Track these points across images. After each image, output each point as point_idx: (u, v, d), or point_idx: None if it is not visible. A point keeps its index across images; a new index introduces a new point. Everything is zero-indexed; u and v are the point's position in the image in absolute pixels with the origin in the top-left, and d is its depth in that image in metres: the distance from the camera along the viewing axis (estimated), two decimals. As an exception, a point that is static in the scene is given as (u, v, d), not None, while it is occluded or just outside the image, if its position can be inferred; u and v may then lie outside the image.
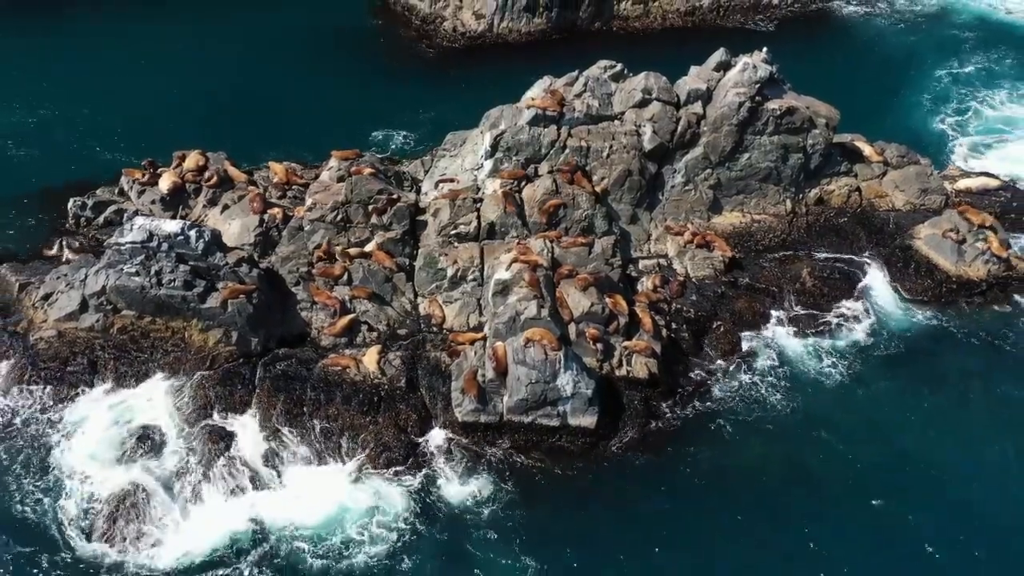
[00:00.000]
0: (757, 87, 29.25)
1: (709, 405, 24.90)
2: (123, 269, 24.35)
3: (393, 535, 21.43)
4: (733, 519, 22.07)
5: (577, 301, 25.33)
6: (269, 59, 38.47)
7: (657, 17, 43.28)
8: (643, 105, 29.17)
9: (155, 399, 24.05)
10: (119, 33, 39.83)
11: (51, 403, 23.66)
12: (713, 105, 29.41)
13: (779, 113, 29.48)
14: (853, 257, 29.36)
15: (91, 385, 24.32)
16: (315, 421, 23.80)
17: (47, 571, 20.39)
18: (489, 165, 28.53)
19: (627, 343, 25.33)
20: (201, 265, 24.82)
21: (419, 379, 24.91)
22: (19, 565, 20.44)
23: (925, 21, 44.24)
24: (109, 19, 40.83)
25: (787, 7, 44.62)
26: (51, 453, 22.76)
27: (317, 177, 29.80)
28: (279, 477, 22.70)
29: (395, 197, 27.78)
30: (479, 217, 27.50)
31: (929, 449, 23.76)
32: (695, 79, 29.74)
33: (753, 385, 25.44)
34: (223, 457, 22.83)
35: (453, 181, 28.90)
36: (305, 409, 24.04)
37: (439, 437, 23.73)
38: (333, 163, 29.14)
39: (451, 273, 26.63)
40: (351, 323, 25.81)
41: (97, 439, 23.08)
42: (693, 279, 28.10)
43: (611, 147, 28.64)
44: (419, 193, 29.30)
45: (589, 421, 23.74)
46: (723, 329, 27.05)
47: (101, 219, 29.60)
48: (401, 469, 22.97)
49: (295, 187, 30.15)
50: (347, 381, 24.58)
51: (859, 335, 26.82)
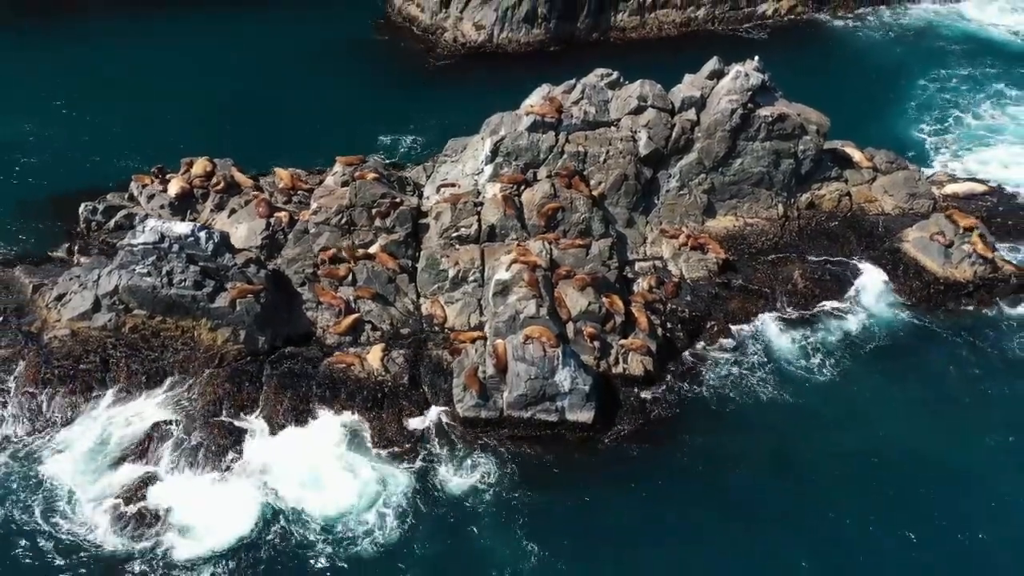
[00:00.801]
0: (749, 94, 30.15)
1: (702, 399, 25.63)
2: (135, 269, 25.12)
3: (396, 521, 22.06)
4: (725, 505, 22.79)
5: (575, 301, 26.13)
6: (274, 69, 39.43)
7: (653, 28, 44.33)
8: (639, 112, 30.06)
9: (166, 397, 24.80)
10: (129, 44, 40.83)
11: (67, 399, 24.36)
12: (707, 112, 30.30)
13: (771, 120, 30.38)
14: (843, 259, 30.12)
15: (104, 384, 25.04)
16: (321, 416, 24.54)
17: (58, 563, 20.95)
18: (489, 170, 29.39)
19: (623, 341, 26.11)
20: (210, 266, 25.60)
21: (421, 376, 25.66)
22: (30, 555, 21.10)
23: (912, 34, 45.32)
24: (118, 30, 41.80)
25: (779, 17, 45.73)
26: (65, 446, 23.47)
27: (322, 182, 30.67)
28: (285, 468, 23.31)
29: (398, 201, 28.61)
30: (480, 220, 28.31)
31: (913, 441, 24.54)
32: (689, 87, 30.66)
33: (744, 380, 26.19)
34: (232, 451, 23.54)
35: (454, 186, 29.73)
36: (311, 405, 24.81)
37: (441, 428, 24.41)
38: (337, 168, 29.98)
39: (452, 274, 27.41)
40: (355, 322, 26.56)
41: (109, 434, 23.79)
42: (688, 280, 28.89)
43: (608, 152, 29.52)
44: (421, 197, 30.12)
45: (586, 416, 24.48)
46: (717, 329, 27.83)
47: (112, 223, 30.30)
48: (404, 460, 23.65)
49: (300, 192, 30.98)
50: (352, 378, 25.32)
51: (848, 333, 27.59)
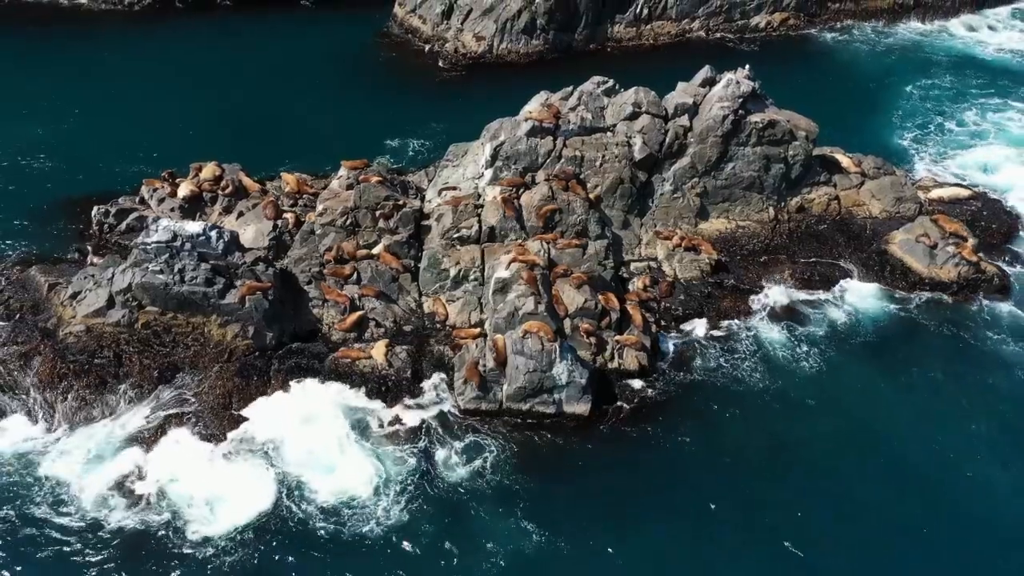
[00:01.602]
0: (740, 101, 31.25)
1: (695, 391, 26.47)
2: (148, 267, 26.07)
3: (398, 504, 22.84)
4: (715, 490, 23.67)
5: (572, 298, 27.10)
6: (280, 78, 40.62)
7: (649, 39, 45.54)
8: (633, 118, 31.15)
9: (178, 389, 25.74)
10: (139, 54, 42.17)
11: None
12: (699, 118, 31.40)
13: (761, 126, 31.46)
14: (832, 261, 31.16)
15: (118, 378, 25.92)
16: (326, 408, 25.44)
17: (75, 547, 21.78)
18: (489, 174, 30.42)
19: (619, 337, 27.05)
20: (221, 264, 26.58)
21: (424, 370, 26.60)
22: (45, 540, 21.93)
23: (900, 49, 46.58)
24: (129, 41, 43.16)
25: (771, 30, 46.95)
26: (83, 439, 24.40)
27: (326, 186, 31.69)
28: (291, 455, 24.12)
29: (401, 203, 29.62)
30: (480, 221, 29.31)
31: (895, 427, 25.55)
32: (682, 94, 31.76)
33: (735, 373, 27.04)
34: (242, 440, 24.44)
35: (455, 189, 30.76)
36: (317, 397, 25.68)
37: (443, 420, 25.31)
38: (343, 172, 31.01)
39: (454, 273, 28.38)
40: (360, 319, 27.50)
41: (125, 427, 24.71)
42: (681, 280, 29.87)
43: (604, 157, 30.59)
44: (423, 200, 31.13)
45: (583, 408, 25.39)
46: (709, 326, 28.65)
47: (123, 226, 31.26)
48: (407, 448, 24.46)
49: (306, 196, 32.02)
50: (356, 372, 26.25)
51: (835, 328, 28.55)
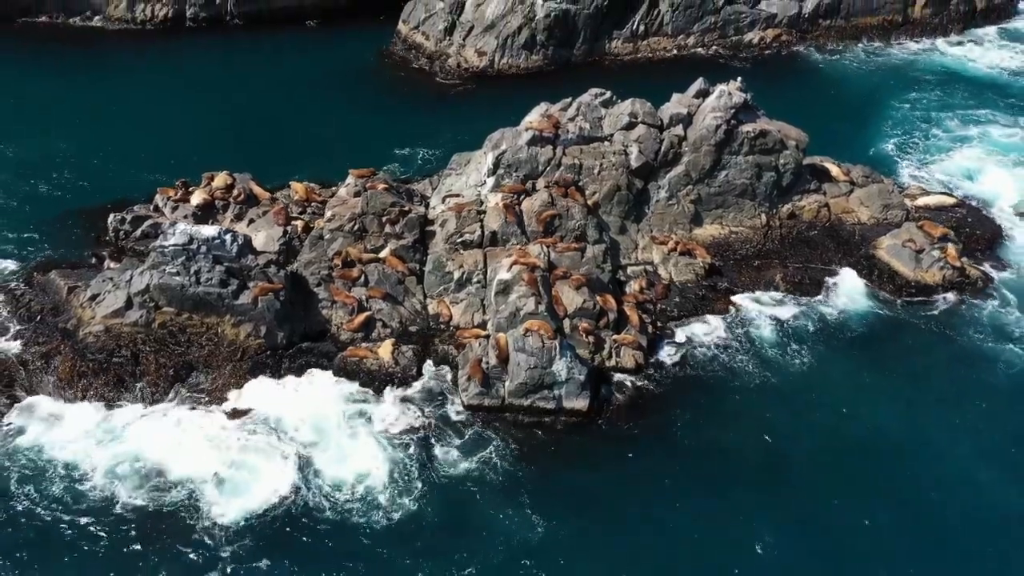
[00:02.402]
0: (732, 112, 32.53)
1: (690, 388, 27.42)
2: (166, 269, 27.24)
3: (403, 495, 23.83)
4: (710, 481, 24.70)
5: (571, 298, 28.23)
6: (288, 93, 42.00)
7: (645, 54, 46.96)
8: (630, 128, 32.42)
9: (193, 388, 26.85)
10: (153, 69, 43.65)
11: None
12: (693, 128, 32.66)
13: (753, 135, 32.72)
14: (822, 265, 32.27)
15: (135, 376, 27.02)
16: (335, 402, 26.52)
17: (98, 531, 22.76)
18: (491, 181, 31.65)
19: (616, 336, 28.15)
20: (235, 266, 27.75)
21: (429, 369, 27.63)
22: (69, 525, 22.92)
23: (890, 64, 47.84)
24: (144, 57, 44.68)
25: (764, 45, 48.40)
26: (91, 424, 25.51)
27: (334, 195, 32.92)
28: (298, 446, 25.14)
29: (407, 209, 30.83)
30: (482, 226, 30.48)
31: (884, 421, 26.54)
32: (677, 105, 33.06)
33: (729, 372, 28.03)
34: (253, 432, 25.48)
35: (459, 196, 31.97)
36: (326, 393, 26.76)
37: (447, 416, 26.36)
38: (350, 180, 32.23)
39: (457, 276, 29.52)
40: (367, 320, 28.61)
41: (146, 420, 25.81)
42: (676, 283, 30.99)
43: (601, 165, 31.83)
44: (428, 207, 32.34)
45: (582, 404, 26.42)
46: (703, 327, 29.72)
47: (138, 232, 32.42)
48: (412, 442, 25.47)
49: (314, 204, 33.22)
50: (364, 370, 27.34)
51: (825, 328, 29.57)
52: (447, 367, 27.73)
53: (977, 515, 24.10)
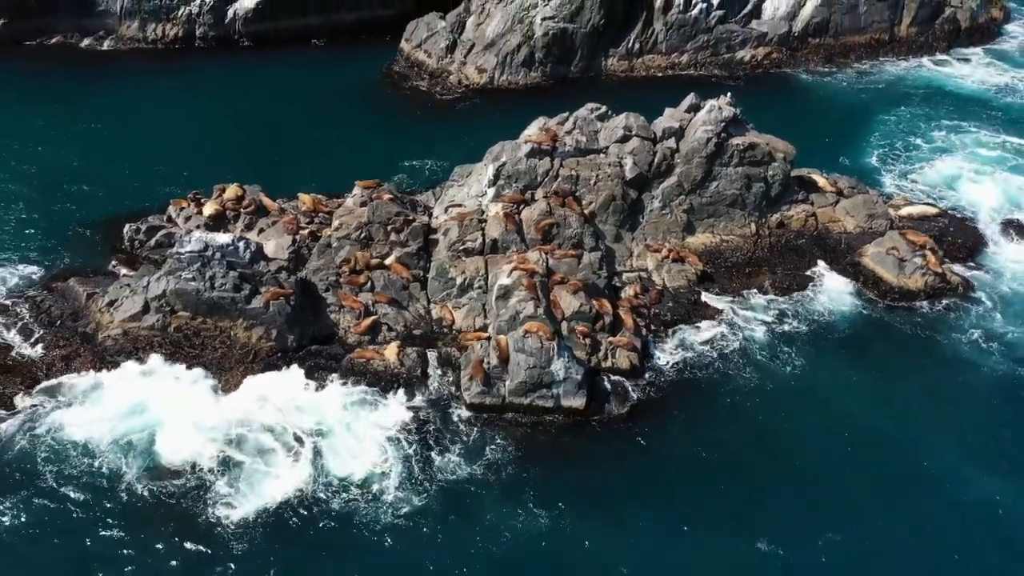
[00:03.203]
0: (722, 125, 34.00)
1: (682, 388, 28.73)
2: (182, 275, 28.57)
3: (410, 491, 24.94)
4: (702, 476, 25.95)
5: (568, 302, 29.54)
6: (296, 109, 43.62)
7: (640, 72, 48.55)
8: (625, 140, 33.88)
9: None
10: (166, 86, 45.37)
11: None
12: (685, 141, 34.12)
13: (742, 148, 34.17)
14: (810, 272, 33.65)
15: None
16: (343, 402, 27.75)
17: (107, 518, 23.99)
18: (492, 192, 33.07)
19: (612, 339, 29.42)
20: (247, 272, 29.09)
21: (432, 369, 28.90)
22: (95, 509, 24.12)
23: (877, 81, 49.46)
24: (157, 74, 46.33)
25: (756, 63, 50.01)
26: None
27: (340, 206, 34.28)
28: (311, 447, 26.37)
29: (411, 218, 32.21)
30: (483, 235, 31.85)
31: (869, 419, 27.84)
32: (669, 119, 34.54)
33: (720, 372, 29.33)
34: (264, 430, 26.71)
35: (461, 206, 33.36)
36: (334, 393, 28.00)
37: (450, 414, 27.57)
38: (357, 191, 33.61)
39: (460, 282, 30.85)
40: (373, 323, 29.89)
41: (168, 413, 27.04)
42: (669, 288, 32.32)
43: (597, 176, 33.27)
44: (431, 217, 33.71)
45: (579, 403, 27.65)
46: (695, 331, 31.02)
47: (152, 241, 33.82)
48: (416, 439, 26.67)
49: (321, 215, 34.55)
50: (371, 371, 28.58)
51: (812, 331, 30.95)
52: (450, 368, 28.98)
53: (962, 507, 25.25)
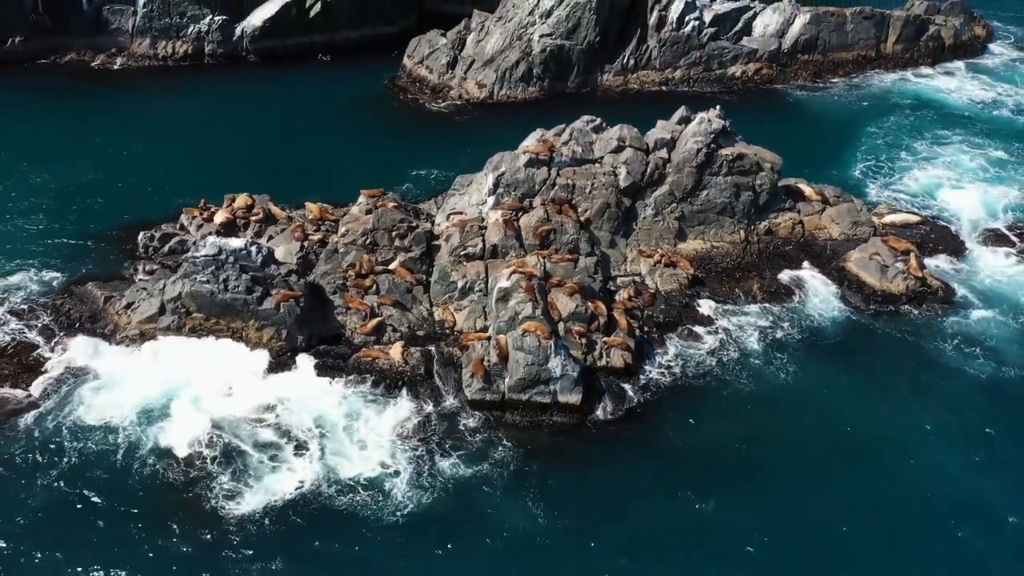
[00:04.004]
0: (712, 136, 35.57)
1: (674, 387, 30.04)
2: (197, 278, 29.99)
3: (413, 485, 26.10)
4: (693, 470, 27.13)
5: (565, 304, 30.94)
6: (302, 122, 45.41)
7: (635, 87, 50.26)
8: (619, 151, 35.44)
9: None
10: (177, 100, 47.38)
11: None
12: (676, 151, 35.68)
13: (731, 158, 35.71)
14: (796, 276, 35.12)
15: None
16: (350, 400, 29.08)
17: (114, 500, 25.29)
18: (492, 200, 34.57)
19: (606, 339, 30.79)
20: (259, 275, 30.49)
21: (435, 368, 30.26)
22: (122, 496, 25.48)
23: (864, 96, 51.33)
24: (166, 93, 48.33)
25: (747, 79, 51.71)
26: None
27: (346, 213, 35.78)
28: (318, 443, 27.64)
29: (414, 225, 33.69)
30: (484, 240, 33.32)
31: (855, 419, 29.06)
32: (661, 130, 36.12)
33: (711, 372, 30.65)
34: (272, 425, 28.02)
35: (462, 213, 34.85)
36: (342, 390, 29.35)
37: (452, 411, 28.89)
38: (362, 199, 35.14)
39: (461, 285, 32.27)
40: (379, 324, 31.26)
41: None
42: (662, 292, 33.75)
43: (592, 184, 34.78)
44: (433, 224, 35.19)
45: (575, 399, 28.96)
46: (687, 332, 32.57)
47: (166, 248, 35.31)
48: (420, 435, 27.95)
49: (327, 222, 36.07)
50: (376, 369, 29.93)
51: (800, 334, 32.29)
52: (452, 367, 30.32)
53: (949, 500, 26.35)
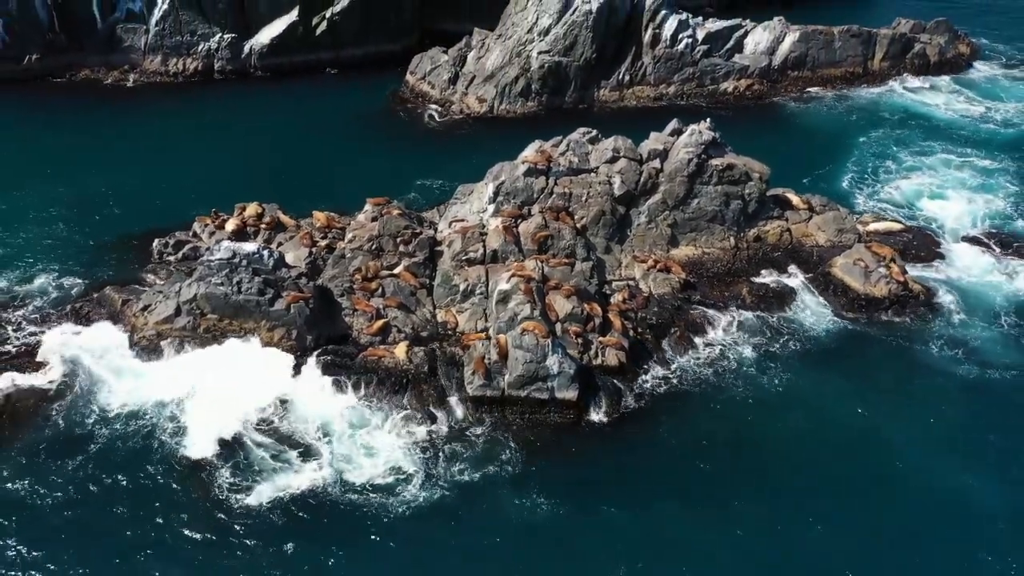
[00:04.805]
0: (703, 147, 37.20)
1: (667, 386, 31.43)
2: (211, 280, 31.51)
3: (417, 480, 27.37)
4: (684, 465, 28.43)
5: (562, 306, 32.45)
6: (310, 134, 47.16)
7: (630, 102, 52.02)
8: (613, 161, 37.07)
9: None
10: (189, 115, 49.12)
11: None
12: (669, 161, 37.30)
13: (721, 168, 37.33)
14: (784, 281, 36.65)
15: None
16: (357, 397, 30.52)
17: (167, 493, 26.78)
18: (492, 208, 36.16)
19: (601, 339, 32.26)
20: (271, 277, 32.01)
21: (438, 367, 31.72)
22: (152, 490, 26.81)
23: (850, 110, 52.96)
24: (177, 108, 50.07)
25: (738, 94, 53.48)
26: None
27: (352, 222, 37.32)
28: (324, 440, 28.91)
29: (418, 231, 35.26)
30: (484, 246, 34.84)
31: (842, 420, 30.25)
32: (654, 141, 37.78)
33: (702, 372, 32.05)
34: (281, 421, 29.44)
35: (463, 221, 36.41)
36: (349, 388, 30.78)
37: (455, 408, 30.34)
38: (368, 207, 36.71)
39: (463, 288, 33.77)
40: (384, 325, 32.73)
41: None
42: (655, 295, 35.24)
43: (588, 193, 36.38)
44: (436, 231, 36.75)
45: (572, 395, 30.39)
46: (679, 334, 33.99)
47: (180, 254, 36.87)
48: (424, 429, 29.34)
49: (333, 231, 37.61)
50: (382, 367, 31.36)
51: (787, 336, 33.68)
52: (454, 366, 31.76)
53: (935, 495, 27.51)
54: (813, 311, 35.24)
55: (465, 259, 34.69)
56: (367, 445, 28.69)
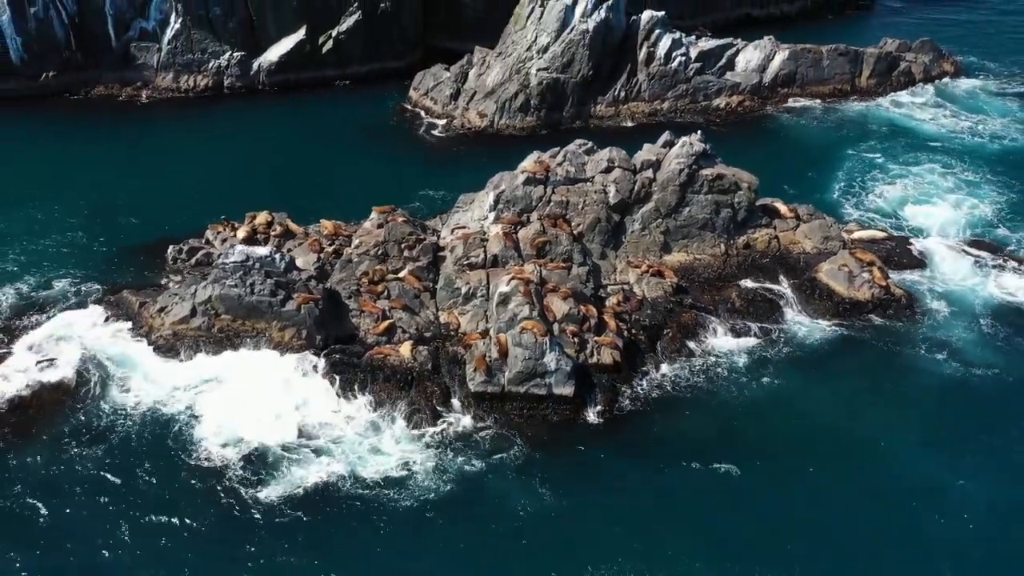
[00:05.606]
0: (694, 158, 38.92)
1: (659, 386, 32.80)
2: (226, 282, 33.15)
3: (420, 477, 28.57)
4: (676, 462, 29.64)
5: (559, 307, 34.02)
6: (317, 145, 49.06)
7: (626, 117, 53.90)
8: (608, 171, 38.79)
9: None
10: (199, 131, 51.08)
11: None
12: (661, 171, 39.01)
13: (711, 178, 39.03)
14: (772, 285, 38.21)
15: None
16: (364, 395, 32.03)
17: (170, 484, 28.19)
18: (493, 215, 37.84)
19: (597, 338, 33.79)
20: (282, 279, 33.64)
21: (441, 365, 33.29)
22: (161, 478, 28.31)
23: (838, 124, 54.65)
24: (189, 122, 51.99)
25: (730, 110, 55.37)
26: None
27: (358, 230, 38.98)
28: (329, 439, 30.22)
29: (422, 237, 36.93)
30: (485, 251, 36.46)
31: (831, 422, 31.36)
32: (647, 152, 39.52)
33: (694, 374, 33.33)
34: (288, 417, 30.88)
35: (465, 228, 38.10)
36: (356, 386, 32.32)
37: (457, 404, 31.84)
38: (374, 215, 38.38)
39: (464, 291, 35.35)
40: (390, 326, 34.27)
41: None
42: (648, 299, 36.80)
43: (585, 201, 38.09)
44: (439, 237, 38.43)
45: (569, 391, 31.86)
46: (671, 335, 35.51)
47: (193, 260, 38.53)
48: (427, 426, 30.81)
49: (340, 238, 39.28)
50: (388, 365, 32.87)
51: (775, 339, 35.05)
52: (456, 364, 33.31)
53: (925, 493, 28.38)
54: (799, 314, 36.77)
55: (467, 263, 36.31)
56: (375, 440, 30.08)
